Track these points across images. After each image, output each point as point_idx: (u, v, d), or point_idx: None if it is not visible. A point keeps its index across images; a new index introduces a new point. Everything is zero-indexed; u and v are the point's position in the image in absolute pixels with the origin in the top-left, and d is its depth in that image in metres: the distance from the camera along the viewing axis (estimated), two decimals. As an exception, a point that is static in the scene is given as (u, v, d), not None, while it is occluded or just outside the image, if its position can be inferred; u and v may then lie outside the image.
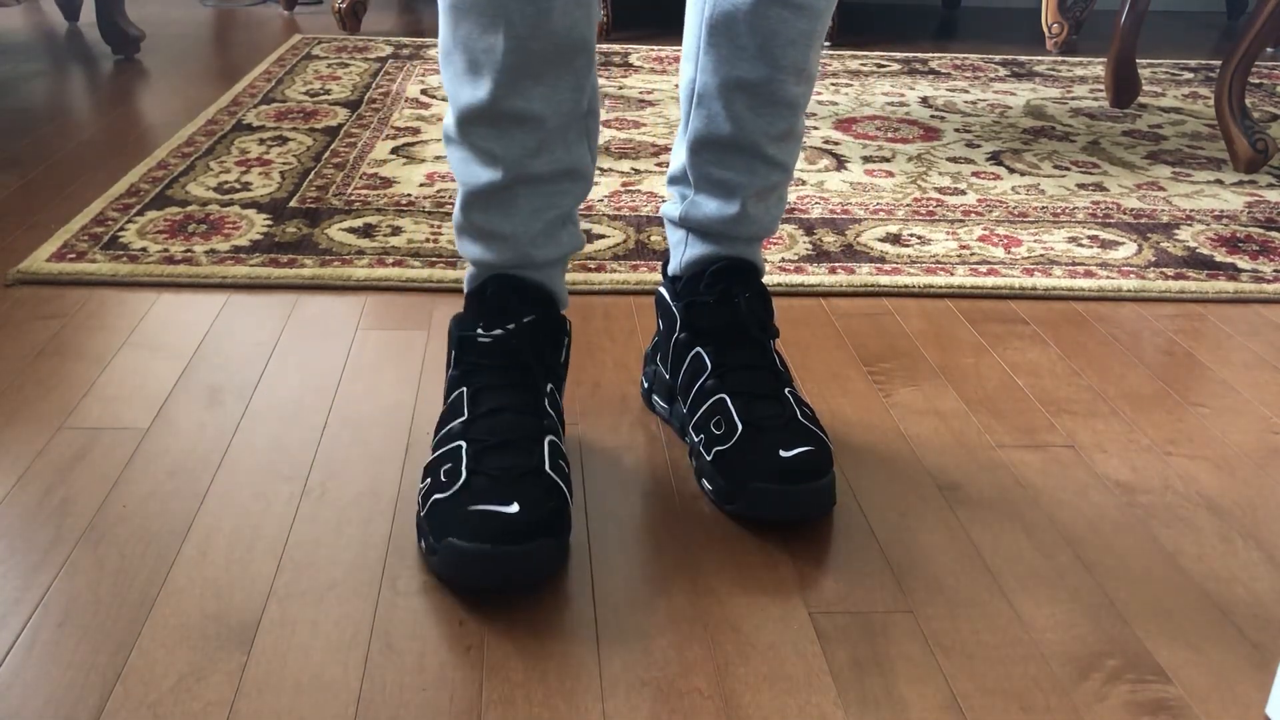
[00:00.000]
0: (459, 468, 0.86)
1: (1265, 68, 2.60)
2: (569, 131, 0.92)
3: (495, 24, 0.85)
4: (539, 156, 0.91)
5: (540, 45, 0.86)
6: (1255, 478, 1.03)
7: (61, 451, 1.01)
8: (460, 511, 0.83)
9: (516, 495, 0.83)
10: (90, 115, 1.99)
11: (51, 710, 0.73)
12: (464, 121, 0.90)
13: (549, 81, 0.88)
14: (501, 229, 0.94)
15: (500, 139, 0.90)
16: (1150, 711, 0.76)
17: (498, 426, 0.89)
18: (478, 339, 0.93)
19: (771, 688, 0.77)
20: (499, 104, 0.88)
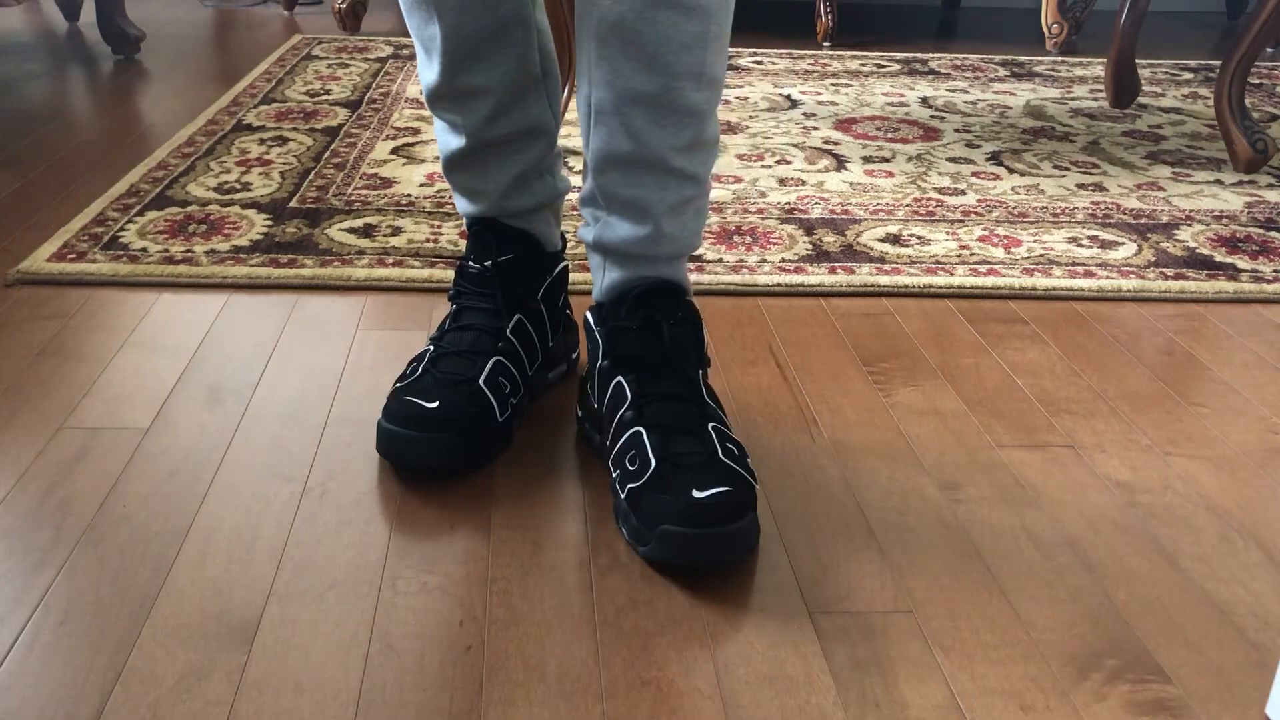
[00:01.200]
0: (419, 365, 1.02)
1: (1265, 68, 2.60)
2: (525, 96, 1.02)
3: (430, 15, 0.96)
4: (496, 122, 1.01)
5: (473, 27, 0.97)
6: (1255, 478, 1.03)
7: (61, 451, 1.01)
8: (396, 398, 0.99)
9: (440, 396, 0.98)
10: (90, 115, 1.99)
11: (51, 710, 0.73)
12: (430, 100, 1.02)
13: (489, 57, 0.98)
14: (476, 186, 1.05)
15: (460, 111, 1.01)
16: (1150, 711, 0.76)
17: (459, 340, 1.04)
18: (468, 268, 1.06)
19: (771, 688, 0.77)
20: (450, 83, 0.99)
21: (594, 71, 0.92)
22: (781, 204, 1.64)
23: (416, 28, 0.99)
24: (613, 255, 0.99)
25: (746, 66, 2.44)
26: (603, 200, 0.98)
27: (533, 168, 1.05)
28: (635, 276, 0.98)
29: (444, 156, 1.05)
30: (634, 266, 0.98)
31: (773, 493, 0.98)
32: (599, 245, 0.99)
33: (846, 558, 0.90)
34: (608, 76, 0.91)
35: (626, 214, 0.97)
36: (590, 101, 0.94)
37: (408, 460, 0.98)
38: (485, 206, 1.06)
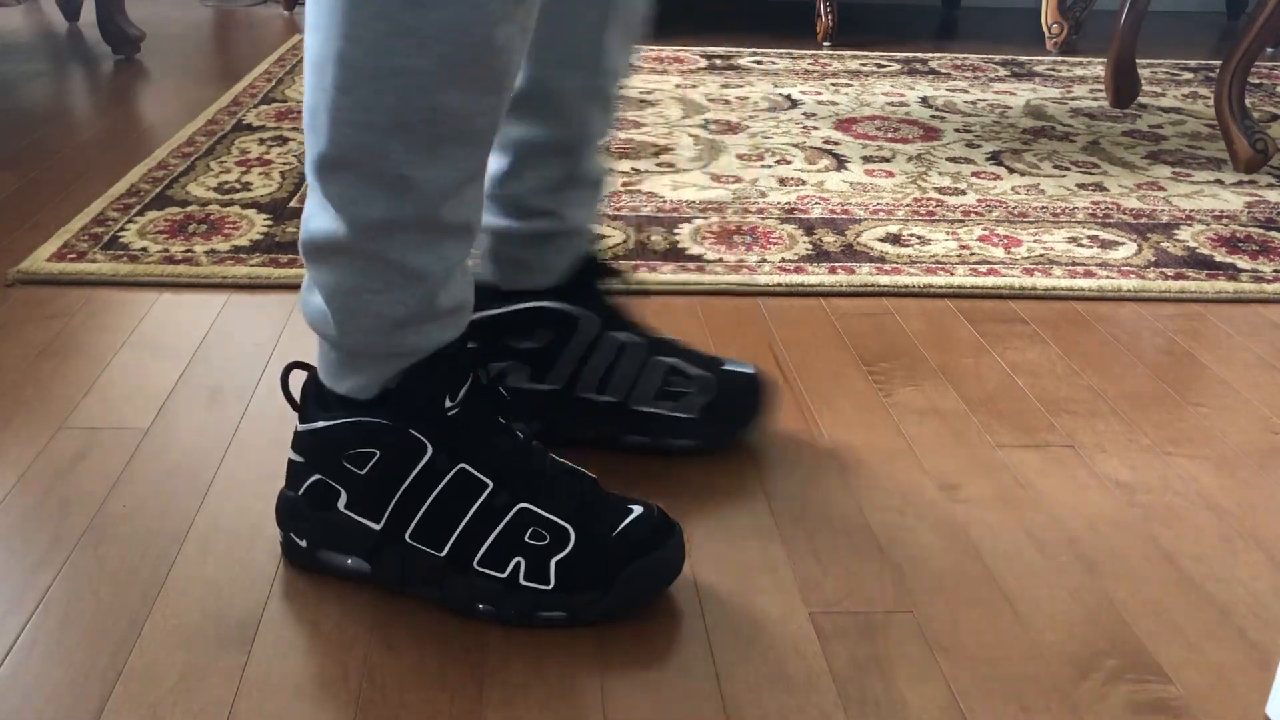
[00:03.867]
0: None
1: (1265, 68, 2.60)
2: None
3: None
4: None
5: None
6: (1255, 478, 1.03)
7: (61, 451, 1.01)
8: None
9: None
10: (90, 115, 1.99)
11: (51, 710, 0.73)
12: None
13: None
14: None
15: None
16: (1150, 711, 0.76)
17: None
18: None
19: (771, 688, 0.77)
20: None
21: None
22: (781, 204, 1.64)
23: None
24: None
25: (746, 66, 2.44)
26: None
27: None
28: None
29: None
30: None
31: (773, 493, 0.98)
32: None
33: (846, 558, 0.90)
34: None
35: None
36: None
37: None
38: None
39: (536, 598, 0.81)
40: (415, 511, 0.82)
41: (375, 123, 0.73)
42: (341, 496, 0.83)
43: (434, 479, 0.81)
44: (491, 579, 0.81)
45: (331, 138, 0.74)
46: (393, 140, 0.74)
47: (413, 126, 0.73)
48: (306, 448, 0.85)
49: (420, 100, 0.73)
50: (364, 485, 0.82)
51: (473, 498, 0.82)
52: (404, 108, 0.73)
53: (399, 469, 0.82)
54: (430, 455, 0.81)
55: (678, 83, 2.29)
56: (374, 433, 0.81)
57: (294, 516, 0.86)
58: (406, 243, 0.77)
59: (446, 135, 0.74)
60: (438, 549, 0.82)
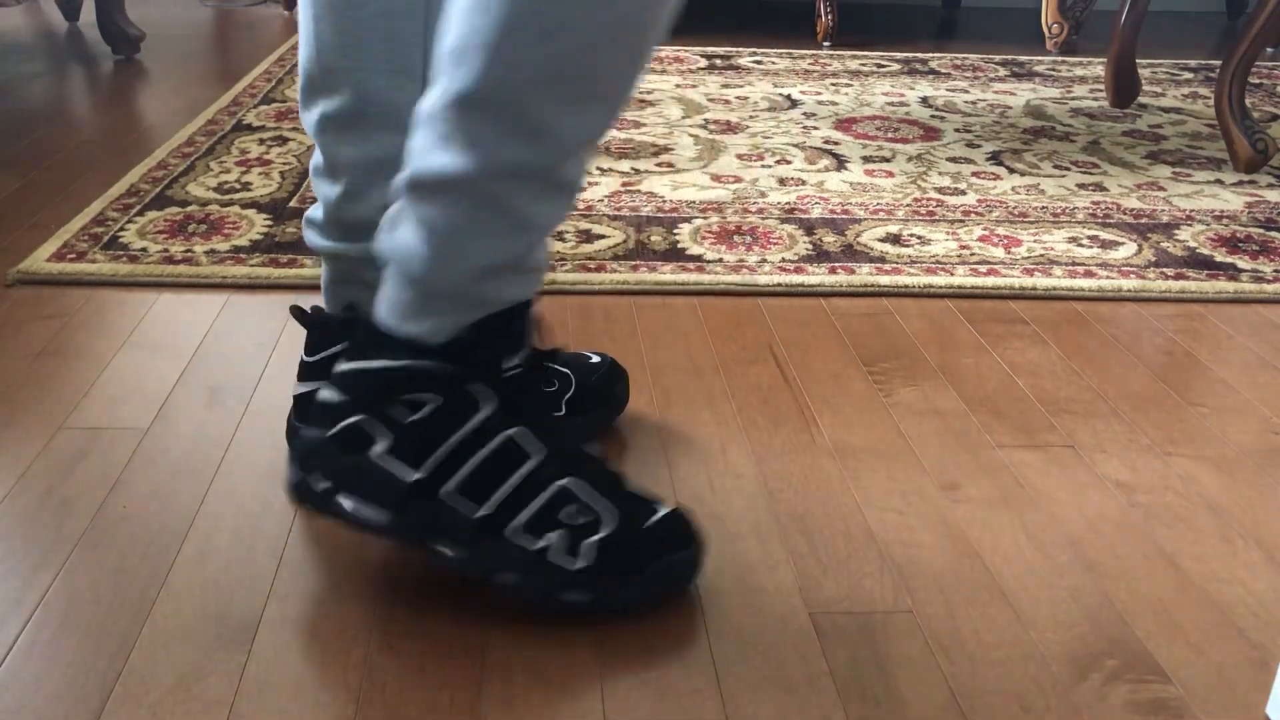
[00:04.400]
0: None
1: (1265, 68, 2.60)
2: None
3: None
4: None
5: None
6: (1255, 478, 1.03)
7: (61, 451, 1.01)
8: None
9: None
10: (90, 115, 1.99)
11: (51, 710, 0.73)
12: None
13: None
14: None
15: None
16: (1150, 711, 0.76)
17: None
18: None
19: (771, 688, 0.77)
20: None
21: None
22: (781, 204, 1.64)
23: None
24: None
25: (746, 66, 2.44)
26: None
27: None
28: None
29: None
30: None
31: (773, 493, 0.98)
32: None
33: (846, 558, 0.90)
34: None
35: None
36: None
37: None
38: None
39: (564, 576, 0.81)
40: (459, 467, 0.80)
41: (532, 69, 0.73)
42: (379, 442, 0.81)
43: (486, 437, 0.81)
44: (522, 549, 0.81)
45: (482, 75, 0.73)
46: (545, 89, 0.73)
47: (567, 79, 0.74)
48: (351, 386, 0.81)
49: (582, 57, 0.73)
50: (410, 432, 0.80)
51: (520, 464, 0.81)
52: (564, 61, 0.73)
53: (454, 420, 0.80)
54: (489, 412, 0.80)
55: (678, 83, 2.29)
56: (437, 379, 0.80)
57: (317, 456, 0.82)
58: (529, 191, 0.77)
59: (595, 92, 0.75)
60: (473, 509, 0.81)
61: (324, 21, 0.87)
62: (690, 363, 1.20)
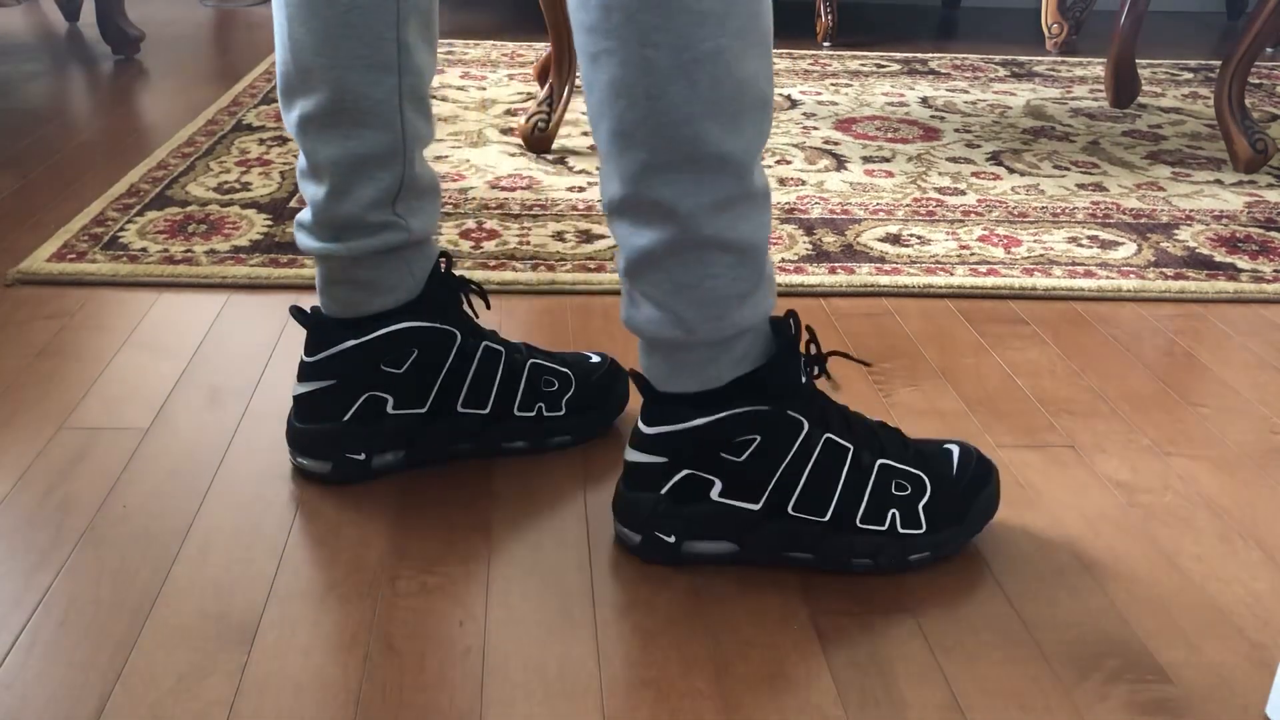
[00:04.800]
0: None
1: (1265, 68, 2.60)
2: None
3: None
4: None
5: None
6: (1255, 478, 1.03)
7: (61, 451, 1.01)
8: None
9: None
10: (90, 115, 1.99)
11: (51, 710, 0.73)
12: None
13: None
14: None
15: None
16: (1150, 711, 0.76)
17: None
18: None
19: (771, 688, 0.77)
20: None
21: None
22: (781, 204, 1.64)
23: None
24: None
25: (746, 66, 2.44)
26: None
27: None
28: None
29: None
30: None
31: (773, 493, 0.98)
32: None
33: (846, 558, 0.90)
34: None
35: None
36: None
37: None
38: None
39: (912, 542, 0.88)
40: (796, 484, 0.87)
41: (693, 113, 0.75)
42: (716, 486, 0.87)
43: (809, 451, 0.86)
44: (874, 533, 0.87)
45: (654, 145, 0.77)
46: (708, 122, 0.76)
47: (723, 104, 0.76)
48: (673, 449, 0.87)
49: (728, 76, 0.75)
50: (742, 471, 0.86)
51: (842, 463, 0.87)
52: (716, 87, 0.75)
53: (780, 449, 0.86)
54: (807, 431, 0.86)
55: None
56: (758, 420, 0.85)
57: (659, 515, 0.88)
58: (731, 218, 0.80)
59: (747, 104, 0.77)
60: (820, 515, 0.87)
61: (297, 21, 0.87)
62: (690, 363, 1.20)
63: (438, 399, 0.98)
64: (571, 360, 1.06)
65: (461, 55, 2.47)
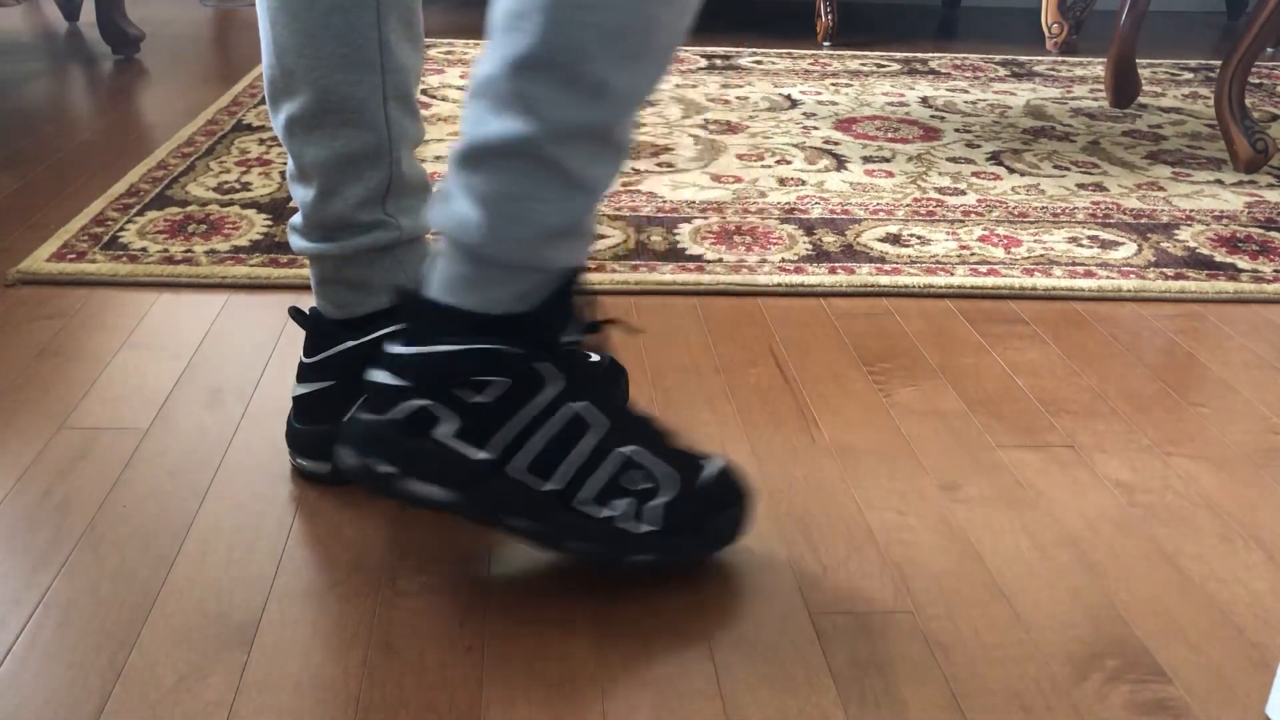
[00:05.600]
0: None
1: (1265, 68, 2.60)
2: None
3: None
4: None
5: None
6: (1255, 478, 1.03)
7: (61, 451, 1.01)
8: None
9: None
10: (90, 115, 1.99)
11: (51, 710, 0.73)
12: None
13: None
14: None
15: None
16: (1150, 711, 0.76)
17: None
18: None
19: (771, 688, 0.77)
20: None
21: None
22: (781, 204, 1.64)
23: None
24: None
25: (746, 66, 2.44)
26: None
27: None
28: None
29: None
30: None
31: (773, 492, 0.98)
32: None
33: (846, 558, 0.90)
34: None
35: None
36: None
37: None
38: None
39: (632, 540, 0.84)
40: (525, 443, 0.82)
41: (593, 25, 0.73)
42: (443, 424, 0.81)
43: (552, 414, 0.82)
44: (590, 518, 0.83)
45: (544, 37, 0.74)
46: (604, 45, 0.74)
47: (625, 34, 0.74)
48: (413, 371, 0.81)
49: (641, 9, 0.73)
50: (478, 413, 0.81)
51: (587, 436, 0.83)
52: (623, 14, 0.73)
53: (522, 399, 0.81)
54: (558, 390, 0.82)
55: (678, 83, 2.29)
56: (504, 361, 0.80)
57: (380, 441, 0.82)
58: (586, 152, 0.77)
59: (649, 46, 0.75)
60: (540, 483, 0.82)
61: (280, 24, 0.88)
62: (690, 363, 1.20)
63: None
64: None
65: (462, 55, 2.48)
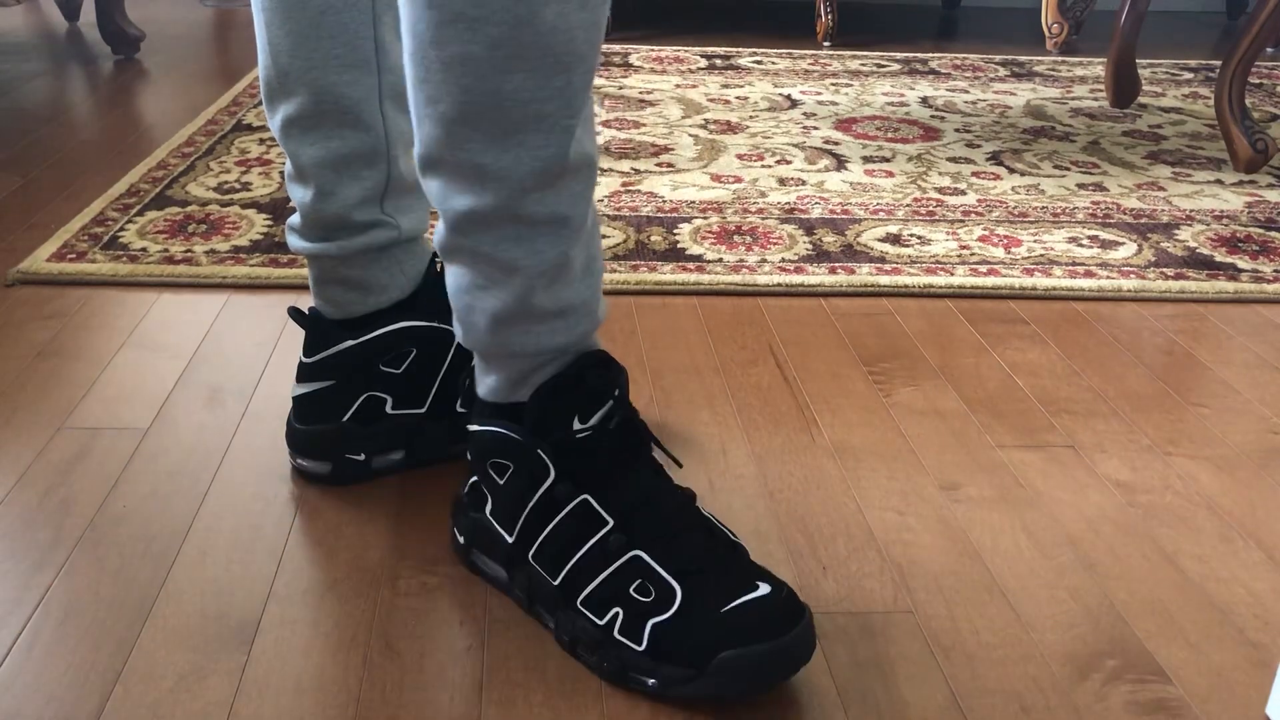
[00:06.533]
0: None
1: (1265, 68, 2.60)
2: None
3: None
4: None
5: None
6: (1255, 478, 1.03)
7: (61, 451, 1.01)
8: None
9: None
10: (90, 115, 1.99)
11: (51, 710, 0.73)
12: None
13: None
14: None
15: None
16: (1150, 711, 0.76)
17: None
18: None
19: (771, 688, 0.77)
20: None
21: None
22: (781, 204, 1.64)
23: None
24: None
25: (746, 66, 2.44)
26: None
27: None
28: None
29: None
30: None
31: (773, 493, 0.98)
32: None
33: (846, 558, 0.90)
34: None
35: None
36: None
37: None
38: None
39: (630, 657, 0.75)
40: (538, 533, 0.80)
41: (448, 114, 0.73)
42: (488, 502, 0.84)
43: (556, 505, 0.79)
44: (591, 622, 0.77)
45: (421, 136, 0.75)
46: (466, 130, 0.73)
47: (482, 114, 0.73)
48: (471, 449, 0.84)
49: (481, 87, 0.72)
50: (501, 495, 0.82)
51: (589, 534, 0.78)
52: (468, 96, 0.72)
53: (527, 486, 0.80)
54: (553, 479, 0.79)
55: (678, 83, 2.29)
56: (507, 445, 0.80)
57: (458, 512, 0.88)
58: (497, 236, 0.76)
59: (514, 122, 0.73)
60: (552, 576, 0.80)
61: (275, 26, 0.87)
62: (690, 363, 1.20)
63: (437, 398, 0.98)
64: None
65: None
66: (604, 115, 2.04)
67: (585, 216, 0.78)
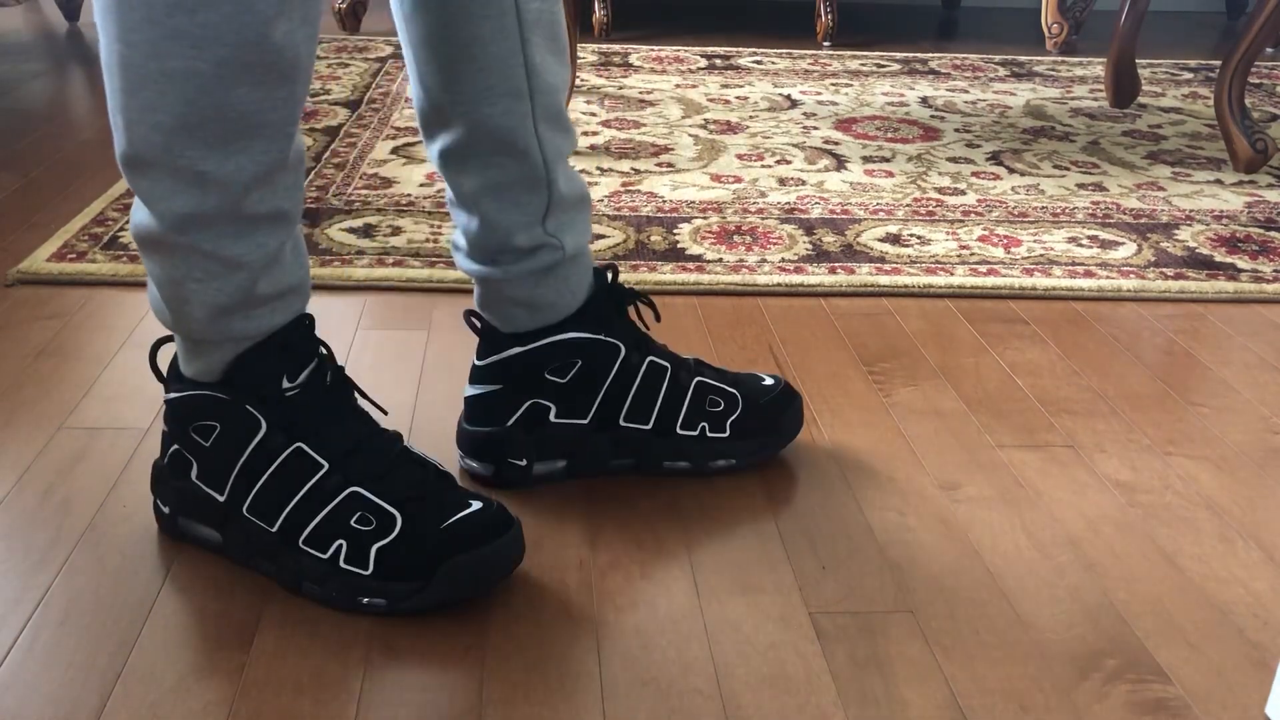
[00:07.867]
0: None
1: (1265, 68, 2.60)
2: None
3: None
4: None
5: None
6: (1255, 478, 1.03)
7: (61, 451, 1.01)
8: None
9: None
10: (90, 115, 1.99)
11: (51, 710, 0.73)
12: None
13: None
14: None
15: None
16: (1150, 711, 0.76)
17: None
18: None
19: (771, 688, 0.77)
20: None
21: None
22: (781, 204, 1.64)
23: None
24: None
25: (746, 66, 2.44)
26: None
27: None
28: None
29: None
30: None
31: (773, 493, 0.98)
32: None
33: (846, 558, 0.90)
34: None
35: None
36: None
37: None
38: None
39: (358, 582, 0.82)
40: (252, 486, 0.84)
41: (164, 124, 0.74)
42: (193, 466, 0.86)
43: (269, 456, 0.83)
44: (315, 558, 0.83)
45: (129, 137, 0.76)
46: (184, 138, 0.74)
47: (201, 125, 0.74)
48: (167, 417, 0.87)
49: (205, 100, 0.73)
50: (209, 457, 0.85)
51: (305, 477, 0.83)
52: (188, 108, 0.73)
53: (237, 443, 0.84)
54: (265, 432, 0.83)
55: (678, 83, 2.29)
56: (212, 406, 0.84)
57: (159, 482, 0.90)
58: (218, 234, 0.78)
59: (238, 130, 0.75)
60: (269, 524, 0.84)
61: (424, 61, 0.87)
62: (690, 363, 1.20)
63: (600, 411, 0.97)
64: (743, 380, 1.03)
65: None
66: (604, 115, 2.04)
67: (300, 205, 0.82)
